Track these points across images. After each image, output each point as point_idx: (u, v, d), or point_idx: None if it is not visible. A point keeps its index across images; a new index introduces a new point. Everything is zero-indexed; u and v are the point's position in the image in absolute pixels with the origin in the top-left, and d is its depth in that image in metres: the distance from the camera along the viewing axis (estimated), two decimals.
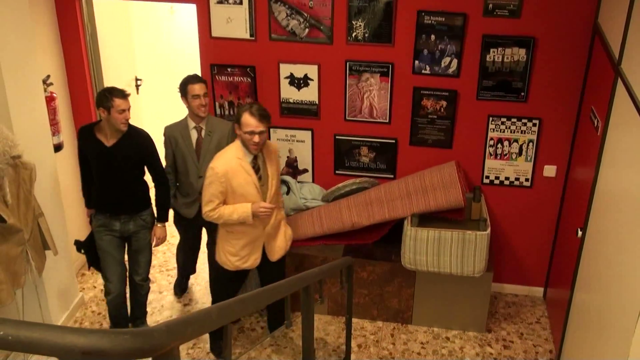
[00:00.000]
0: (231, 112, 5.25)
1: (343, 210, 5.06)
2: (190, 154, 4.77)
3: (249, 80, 5.12)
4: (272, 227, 4.40)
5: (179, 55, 8.21)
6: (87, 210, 4.79)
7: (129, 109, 4.24)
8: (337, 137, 5.22)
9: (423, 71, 4.90)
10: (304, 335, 2.70)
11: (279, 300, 2.45)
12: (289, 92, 5.13)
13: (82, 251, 4.74)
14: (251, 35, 4.97)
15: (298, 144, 5.32)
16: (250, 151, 4.16)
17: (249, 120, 4.04)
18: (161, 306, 5.43)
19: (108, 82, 5.69)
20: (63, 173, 5.22)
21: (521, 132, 4.98)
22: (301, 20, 4.86)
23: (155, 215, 4.67)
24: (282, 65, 5.04)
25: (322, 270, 2.80)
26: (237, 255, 4.38)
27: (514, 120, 4.94)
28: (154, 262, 5.95)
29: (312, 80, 5.06)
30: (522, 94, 4.85)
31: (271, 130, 5.27)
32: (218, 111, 5.26)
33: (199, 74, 5.24)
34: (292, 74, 5.06)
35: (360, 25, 4.81)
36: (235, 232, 4.32)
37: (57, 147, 4.98)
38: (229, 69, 5.11)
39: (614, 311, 3.37)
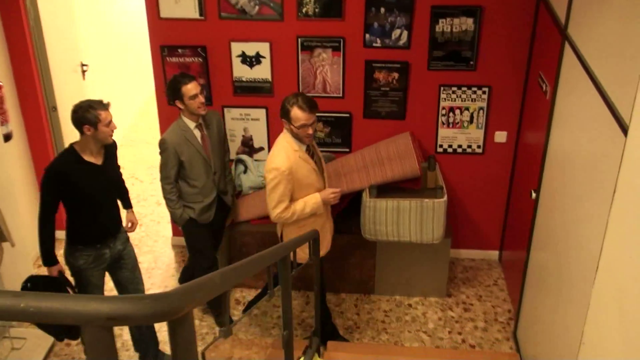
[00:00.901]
0: None
1: None
2: (201, 155, 4.51)
3: (201, 60, 5.09)
4: (327, 211, 4.40)
5: (127, 37, 8.10)
6: (51, 268, 4.04)
7: (112, 118, 3.89)
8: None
9: (374, 44, 4.95)
10: (283, 305, 2.75)
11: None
12: (241, 71, 5.12)
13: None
14: (201, 15, 4.93)
15: (253, 122, 5.32)
16: (304, 142, 4.08)
17: (300, 115, 3.92)
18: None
19: (54, 69, 5.57)
20: (13, 164, 5.11)
21: (472, 100, 5.10)
22: None
23: (122, 205, 4.44)
24: (233, 44, 5.02)
25: (295, 242, 2.84)
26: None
27: (464, 88, 5.05)
28: None
29: (264, 57, 5.06)
30: (472, 62, 4.96)
31: (225, 109, 5.26)
32: None
33: (149, 56, 5.19)
34: (243, 53, 5.05)
35: (310, 1, 4.82)
36: (306, 225, 4.20)
37: (7, 137, 4.87)
38: (179, 50, 5.06)
39: (572, 267, 3.52)
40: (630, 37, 2.79)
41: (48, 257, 3.99)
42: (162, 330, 4.74)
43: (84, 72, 6.34)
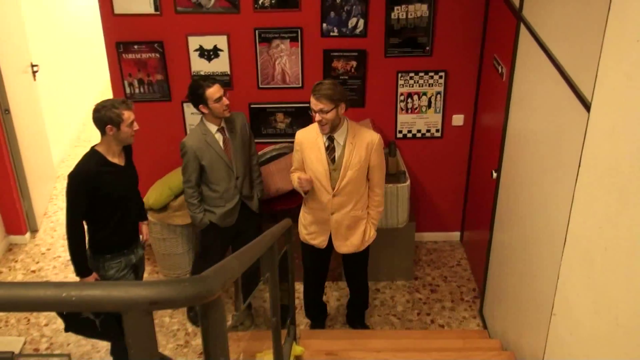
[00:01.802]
0: (141, 90, 5.16)
1: (266, 178, 5.11)
2: (223, 159, 4.40)
3: (158, 55, 5.05)
4: (344, 216, 4.19)
5: (78, 35, 7.95)
6: (86, 279, 3.86)
7: (135, 118, 3.81)
8: (251, 105, 5.25)
9: (331, 33, 5.00)
10: (271, 292, 2.78)
11: None
12: (199, 65, 5.10)
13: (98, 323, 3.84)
14: (156, 10, 4.89)
15: None
16: (321, 130, 4.04)
17: (311, 98, 3.95)
18: None
19: (4, 71, 5.45)
20: None
21: (429, 85, 5.19)
22: None
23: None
24: (190, 38, 5.00)
25: (278, 230, 2.88)
26: (307, 229, 4.37)
27: (421, 74, 5.14)
28: None
29: (222, 51, 5.05)
30: (427, 48, 5.05)
31: (184, 105, 5.23)
32: (128, 90, 5.16)
33: (101, 53, 5.12)
34: (201, 46, 5.03)
35: None
36: (306, 206, 4.33)
37: None
38: (135, 46, 5.01)
39: (539, 241, 3.64)
40: (587, 15, 2.90)
41: (82, 267, 3.83)
42: None
43: (34, 73, 6.21)
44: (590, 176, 2.87)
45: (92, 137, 7.71)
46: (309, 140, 4.10)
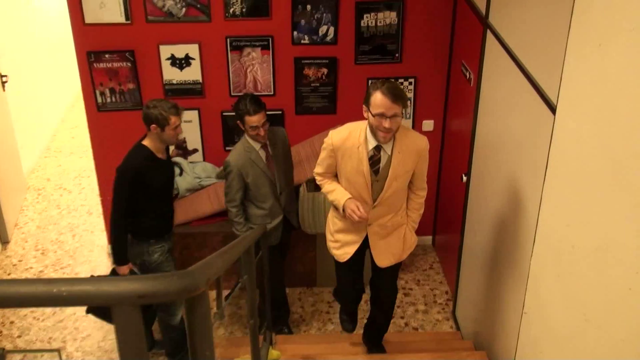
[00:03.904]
0: (113, 99, 5.16)
1: None
2: (267, 175, 4.33)
3: (129, 64, 5.05)
4: (382, 227, 3.74)
5: (47, 45, 7.91)
6: (123, 267, 4.11)
7: (181, 123, 4.01)
8: (224, 113, 5.28)
9: (302, 41, 5.05)
10: (248, 295, 2.81)
11: None
12: (171, 74, 5.12)
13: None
14: (127, 19, 4.90)
15: (185, 124, 5.26)
16: (378, 139, 3.44)
17: (380, 100, 3.31)
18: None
19: None
20: None
21: None
22: (177, 0, 4.85)
23: None
24: (161, 47, 5.02)
25: (254, 234, 2.90)
26: (333, 236, 3.87)
27: (391, 80, 5.20)
28: (46, 261, 5.79)
29: (193, 59, 5.07)
30: (397, 55, 5.13)
31: None
32: (99, 99, 5.16)
33: (71, 62, 5.11)
34: (173, 55, 5.05)
35: (237, 1, 4.87)
36: (338, 211, 3.74)
37: None
38: (106, 55, 5.01)
39: (509, 241, 3.72)
40: (551, 20, 2.99)
41: (122, 256, 4.08)
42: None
43: (3, 83, 6.17)
44: (557, 177, 2.96)
45: (63, 147, 7.69)
46: (349, 147, 3.52)
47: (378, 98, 3.31)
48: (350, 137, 3.52)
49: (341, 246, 3.83)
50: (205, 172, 5.34)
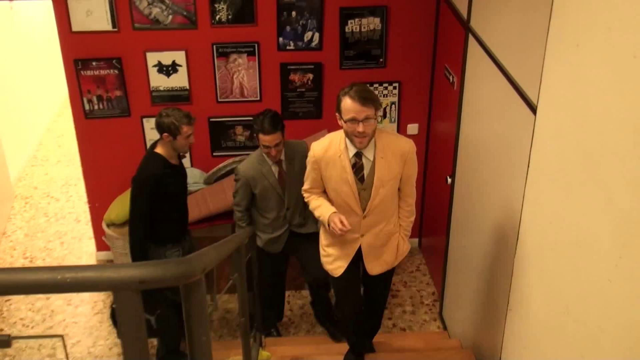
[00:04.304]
0: (100, 107, 5.20)
1: (226, 190, 5.19)
2: (276, 190, 4.30)
3: (116, 72, 5.10)
4: (375, 237, 3.64)
5: (35, 53, 7.93)
6: None
7: (193, 133, 4.11)
8: (211, 119, 5.33)
9: (288, 47, 5.12)
10: (239, 292, 2.86)
11: None
12: (158, 80, 5.17)
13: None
14: (114, 27, 4.94)
15: None
16: (355, 145, 3.38)
17: (349, 105, 3.26)
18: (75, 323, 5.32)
19: None
20: None
21: (383, 96, 5.35)
22: (163, 7, 4.91)
23: None
24: (148, 54, 5.07)
25: (244, 234, 2.96)
26: (324, 250, 3.77)
27: (376, 85, 5.29)
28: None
29: (180, 66, 5.12)
30: (381, 60, 5.21)
31: (144, 120, 5.28)
32: (87, 107, 5.19)
33: (61, 70, 5.14)
34: (159, 62, 5.10)
35: (223, 8, 4.93)
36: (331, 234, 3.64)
37: None
38: (94, 63, 5.05)
39: (493, 241, 3.80)
40: (530, 23, 3.08)
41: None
42: None
43: None
44: (539, 175, 3.04)
45: (50, 155, 7.70)
46: (330, 157, 3.46)
47: (347, 103, 3.27)
48: (331, 147, 3.47)
49: (334, 260, 3.73)
50: (193, 178, 5.38)
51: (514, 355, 3.47)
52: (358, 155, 3.43)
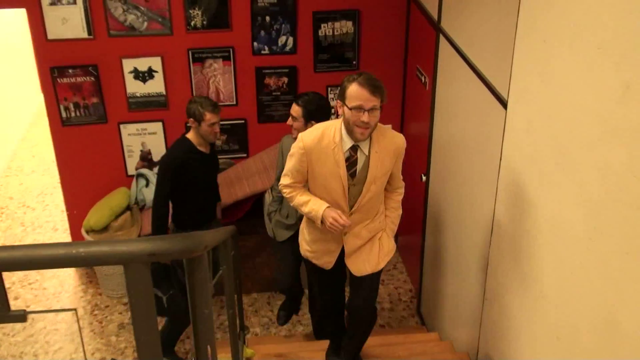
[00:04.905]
0: (77, 114, 5.23)
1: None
2: None
3: (93, 79, 5.13)
4: (357, 236, 3.46)
5: (8, 61, 7.89)
6: None
7: (219, 122, 4.25)
8: (188, 124, 5.37)
9: (262, 51, 5.21)
10: (225, 285, 2.92)
11: None
12: (134, 87, 5.21)
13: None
14: (89, 34, 4.99)
15: (150, 136, 5.42)
16: (355, 136, 3.16)
17: (357, 92, 3.08)
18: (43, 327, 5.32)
19: None
20: None
21: None
22: (139, 14, 4.97)
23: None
24: (124, 61, 5.11)
25: (229, 230, 3.02)
26: (309, 246, 3.57)
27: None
28: (13, 277, 5.80)
29: (156, 72, 5.18)
30: (354, 62, 5.33)
31: (121, 126, 5.32)
32: (64, 114, 5.22)
33: (35, 78, 5.16)
34: (135, 68, 5.15)
35: (198, 14, 5.01)
36: (316, 230, 3.48)
37: None
38: (70, 70, 5.09)
39: (468, 234, 3.91)
40: (499, 21, 3.20)
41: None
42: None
43: None
44: (511, 167, 3.16)
45: (24, 165, 7.68)
46: (323, 149, 3.22)
47: (354, 90, 3.08)
48: (324, 138, 3.22)
49: (321, 256, 3.54)
50: None
51: (492, 342, 3.58)
52: (354, 148, 3.23)
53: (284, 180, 3.41)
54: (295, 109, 3.99)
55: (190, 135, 4.31)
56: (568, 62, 2.50)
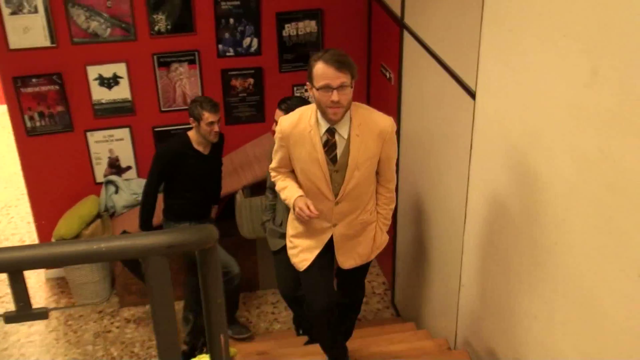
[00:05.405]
0: (42, 123, 5.19)
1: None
2: None
3: (57, 87, 5.10)
4: (348, 225, 3.30)
5: None
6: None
7: (218, 122, 4.34)
8: (155, 129, 5.39)
9: (227, 54, 5.24)
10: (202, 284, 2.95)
11: None
12: (100, 93, 5.19)
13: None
14: (52, 42, 4.95)
15: (117, 142, 5.40)
16: (329, 117, 3.02)
17: (322, 70, 2.93)
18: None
19: None
20: None
21: None
22: (101, 20, 4.95)
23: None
24: (89, 68, 5.09)
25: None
26: (291, 241, 3.42)
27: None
28: None
29: (122, 78, 5.17)
30: None
31: (88, 133, 5.29)
32: (29, 124, 5.17)
33: None
34: (100, 75, 5.13)
35: (161, 18, 5.01)
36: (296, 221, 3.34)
37: None
38: (34, 80, 5.04)
39: (441, 224, 4.01)
40: (464, 12, 3.30)
41: (148, 222, 4.50)
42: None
43: None
44: (481, 156, 3.26)
45: None
46: (300, 132, 3.10)
47: (320, 68, 2.94)
48: (300, 121, 3.11)
49: (300, 252, 3.36)
50: (141, 188, 5.41)
51: (470, 326, 3.68)
52: (331, 131, 3.08)
53: (272, 164, 3.32)
54: (279, 114, 4.01)
55: (190, 133, 4.43)
56: (535, 50, 2.60)
